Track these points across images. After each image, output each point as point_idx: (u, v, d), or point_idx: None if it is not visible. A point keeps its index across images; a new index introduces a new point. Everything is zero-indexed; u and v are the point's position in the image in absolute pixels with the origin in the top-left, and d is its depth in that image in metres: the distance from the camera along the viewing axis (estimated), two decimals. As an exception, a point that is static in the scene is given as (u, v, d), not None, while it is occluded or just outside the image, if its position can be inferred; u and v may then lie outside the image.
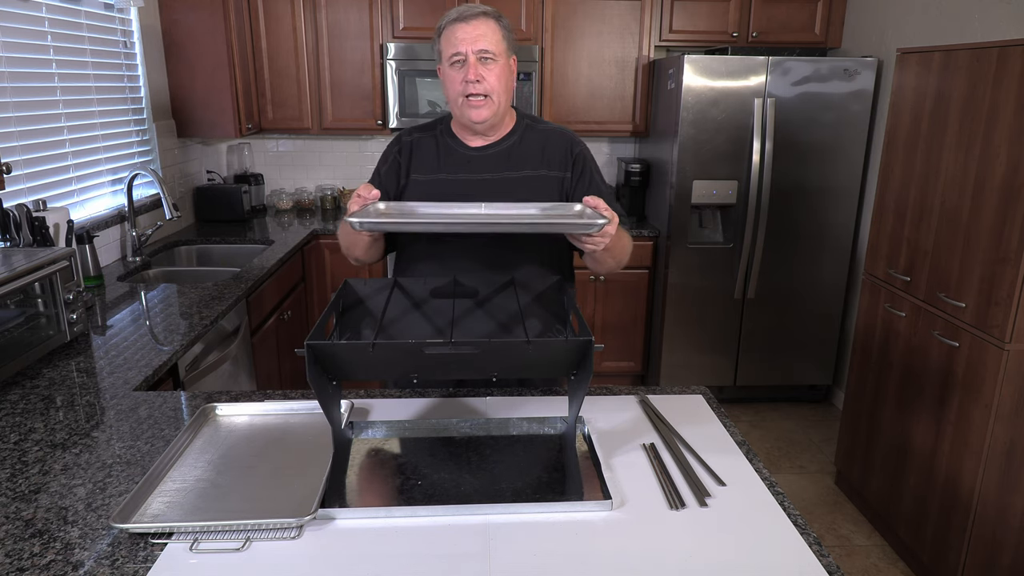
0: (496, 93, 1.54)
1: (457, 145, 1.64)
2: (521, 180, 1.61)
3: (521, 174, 1.61)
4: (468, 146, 1.64)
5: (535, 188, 1.61)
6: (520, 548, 1.07)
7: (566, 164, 1.64)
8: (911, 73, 2.47)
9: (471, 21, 1.51)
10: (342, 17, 3.58)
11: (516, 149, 1.63)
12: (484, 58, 1.51)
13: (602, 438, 1.38)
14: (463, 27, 1.50)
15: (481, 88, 1.51)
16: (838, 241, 3.50)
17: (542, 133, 1.66)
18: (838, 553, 2.60)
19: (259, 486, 1.20)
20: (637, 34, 3.66)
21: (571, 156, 1.65)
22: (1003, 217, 2.03)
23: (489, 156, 1.62)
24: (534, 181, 1.62)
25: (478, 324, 1.44)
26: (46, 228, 2.22)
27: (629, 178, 3.80)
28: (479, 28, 1.51)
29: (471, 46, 1.50)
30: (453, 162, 1.63)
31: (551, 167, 1.63)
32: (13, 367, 1.65)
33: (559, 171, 1.63)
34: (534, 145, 1.64)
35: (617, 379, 3.89)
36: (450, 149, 1.64)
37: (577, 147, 1.67)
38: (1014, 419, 2.08)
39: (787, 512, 1.17)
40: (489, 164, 1.62)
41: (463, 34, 1.50)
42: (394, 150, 1.68)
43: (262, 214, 3.92)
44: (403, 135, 1.70)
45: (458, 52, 1.51)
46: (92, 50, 2.76)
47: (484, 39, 1.51)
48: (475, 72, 1.50)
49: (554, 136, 1.66)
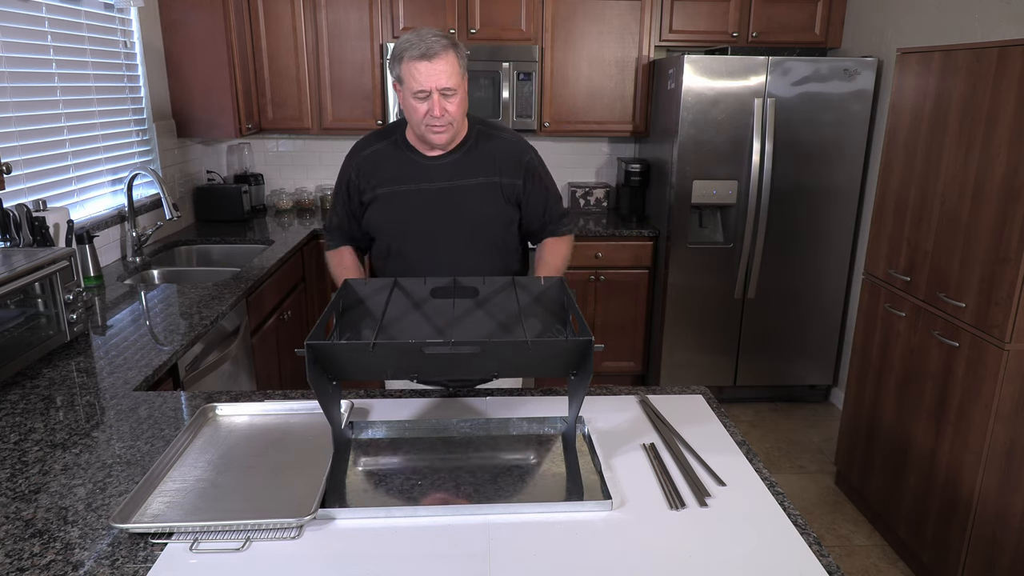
0: (456, 120, 1.66)
1: (415, 155, 1.74)
2: (474, 187, 1.73)
3: (475, 181, 1.73)
4: (425, 155, 1.74)
5: (487, 195, 1.74)
6: (520, 548, 1.07)
7: (517, 172, 1.76)
8: (911, 73, 2.47)
9: (434, 59, 1.57)
10: (342, 17, 3.58)
11: (469, 157, 1.74)
12: (446, 94, 1.61)
13: (602, 438, 1.38)
14: (427, 65, 1.57)
15: (445, 120, 1.63)
16: (838, 241, 3.50)
17: (495, 141, 1.77)
18: (838, 553, 2.60)
19: (259, 486, 1.20)
20: (637, 34, 3.66)
21: (522, 164, 1.77)
22: (1003, 217, 2.03)
23: (444, 165, 1.73)
24: (486, 188, 1.74)
25: (478, 324, 1.44)
26: (46, 228, 2.22)
27: (629, 178, 3.80)
28: (440, 65, 1.58)
29: (435, 83, 1.59)
30: (412, 173, 1.74)
31: (503, 174, 1.75)
32: (13, 367, 1.65)
33: (510, 178, 1.76)
34: (486, 153, 1.75)
35: (617, 379, 3.89)
36: (408, 160, 1.74)
37: (527, 155, 1.78)
38: (1014, 419, 2.08)
39: (787, 512, 1.17)
40: (444, 172, 1.73)
41: (428, 71, 1.58)
42: (350, 172, 1.79)
43: (262, 214, 3.92)
44: (359, 149, 1.80)
45: (423, 90, 1.59)
46: (92, 50, 2.76)
47: (445, 75, 1.59)
48: (439, 108, 1.60)
49: (506, 145, 1.77)
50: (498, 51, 3.58)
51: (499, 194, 1.75)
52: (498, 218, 1.77)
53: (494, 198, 1.75)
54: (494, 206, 1.75)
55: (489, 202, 1.75)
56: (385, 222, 1.77)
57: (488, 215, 1.75)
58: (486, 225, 1.76)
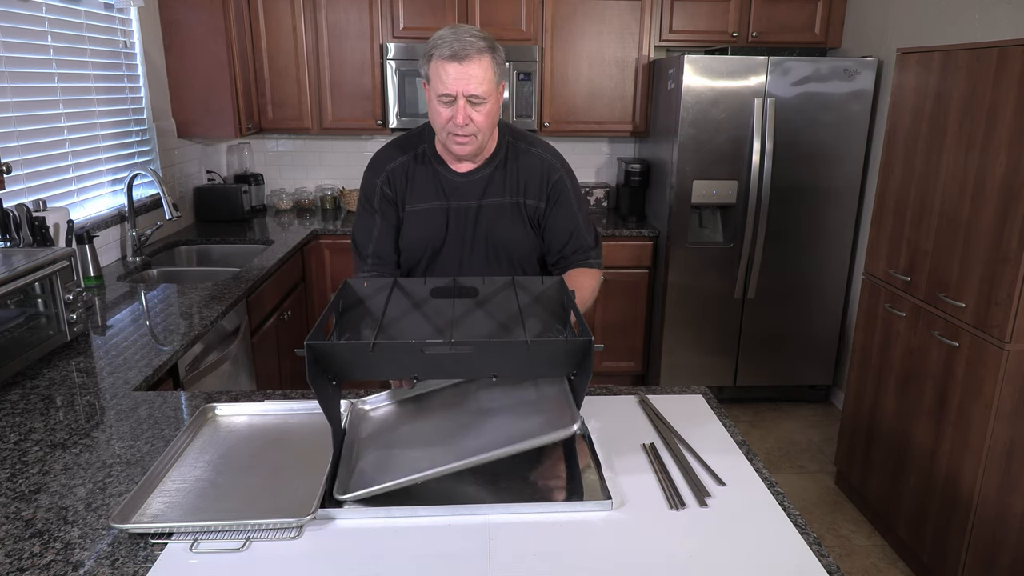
0: (482, 131, 1.52)
1: (445, 171, 1.63)
2: (500, 208, 1.64)
3: (500, 201, 1.64)
4: (455, 172, 1.63)
5: (513, 216, 1.64)
6: (520, 548, 1.07)
7: (541, 194, 1.65)
8: (911, 73, 2.47)
9: (465, 62, 1.44)
10: (342, 17, 3.58)
11: (497, 175, 1.63)
12: (474, 102, 1.48)
13: (602, 438, 1.38)
14: (456, 68, 1.44)
15: (468, 130, 1.50)
16: (838, 241, 3.50)
17: (525, 157, 1.65)
18: (838, 553, 2.60)
19: (259, 486, 1.20)
20: (637, 34, 3.66)
21: (548, 185, 1.65)
22: (1003, 217, 2.03)
23: (473, 182, 1.63)
24: (511, 209, 1.64)
25: (478, 324, 1.44)
26: (46, 228, 2.22)
27: (629, 178, 3.80)
28: (472, 69, 1.44)
29: (462, 88, 1.45)
30: (443, 189, 1.63)
31: (527, 195, 1.64)
32: (13, 367, 1.65)
33: (534, 200, 1.65)
34: (514, 172, 1.64)
35: (617, 379, 3.89)
36: (438, 175, 1.63)
37: (556, 174, 1.65)
38: (1014, 419, 2.08)
39: (787, 512, 1.17)
40: (473, 191, 1.63)
41: (456, 74, 1.44)
42: (378, 182, 1.65)
43: (262, 214, 3.92)
44: (385, 160, 1.66)
45: (448, 93, 1.46)
46: (92, 50, 2.76)
47: (476, 81, 1.45)
48: (464, 116, 1.47)
49: (535, 162, 1.65)
50: (498, 51, 3.57)
51: (523, 216, 1.64)
52: (524, 242, 1.66)
53: (520, 220, 1.64)
54: (520, 229, 1.64)
55: (514, 224, 1.64)
56: (414, 242, 1.65)
57: (514, 238, 1.65)
58: (512, 249, 1.66)
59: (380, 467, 1.23)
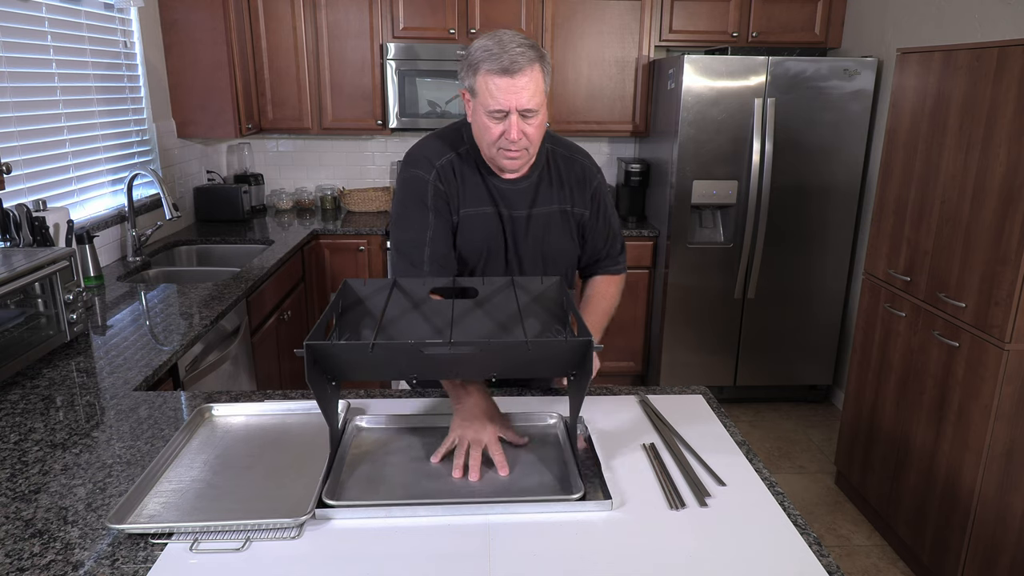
0: (533, 145, 1.45)
1: (493, 177, 1.54)
2: (549, 216, 1.58)
3: (549, 209, 1.58)
4: (502, 179, 1.54)
5: (562, 224, 1.59)
6: (520, 548, 1.07)
7: (584, 199, 1.61)
8: (911, 73, 2.47)
9: (517, 76, 1.34)
10: (342, 17, 3.58)
11: (544, 183, 1.57)
12: (526, 115, 1.39)
13: (602, 438, 1.38)
14: (508, 82, 1.35)
15: (521, 144, 1.42)
16: (838, 241, 3.50)
17: (565, 163, 1.60)
18: (838, 553, 2.60)
19: (256, 486, 1.20)
20: (637, 34, 3.66)
21: (591, 190, 1.61)
22: (1003, 217, 2.03)
23: (521, 191, 1.55)
24: (560, 217, 1.59)
25: (477, 324, 1.43)
26: (46, 228, 2.22)
27: (629, 178, 3.80)
28: (523, 82, 1.35)
29: (516, 103, 1.36)
30: (493, 195, 1.55)
31: (574, 203, 1.60)
32: (13, 367, 1.65)
33: (580, 207, 1.60)
34: (558, 177, 1.59)
35: (617, 379, 3.89)
36: (488, 181, 1.54)
37: (596, 180, 1.63)
38: (1014, 419, 2.08)
39: (787, 512, 1.17)
40: (524, 199, 1.56)
41: (508, 88, 1.35)
42: (430, 178, 1.51)
43: (262, 214, 3.92)
44: (429, 157, 1.53)
45: (500, 109, 1.37)
46: (92, 50, 2.76)
47: (528, 94, 1.36)
48: (517, 131, 1.38)
49: (575, 168, 1.60)
50: (498, 51, 3.57)
51: (571, 223, 1.60)
52: (570, 249, 1.62)
53: (567, 227, 1.60)
54: (568, 236, 1.60)
55: (564, 232, 1.59)
56: (470, 250, 1.55)
57: (562, 247, 1.60)
58: (559, 258, 1.61)
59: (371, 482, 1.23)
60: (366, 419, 1.42)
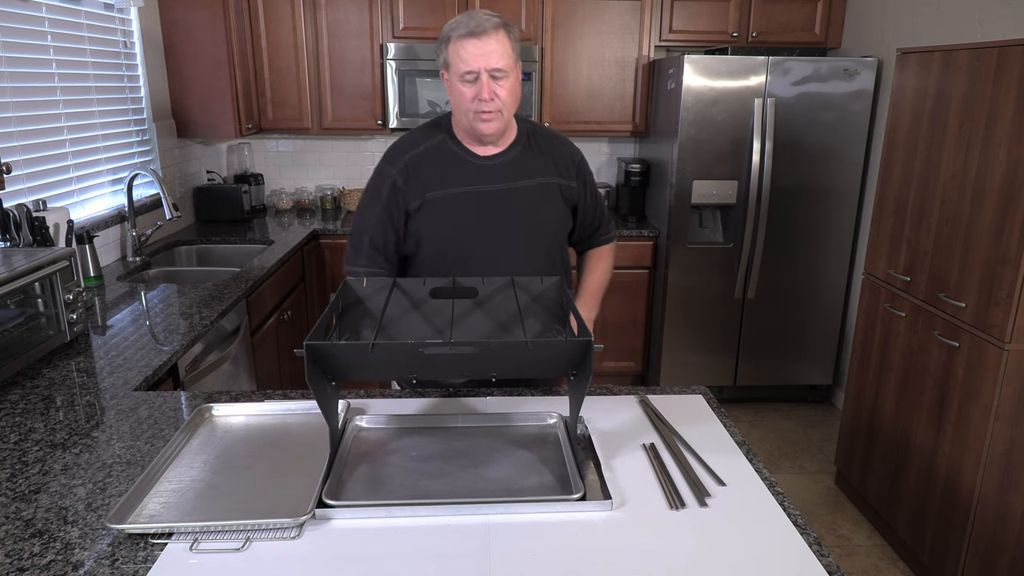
0: (507, 107, 1.53)
1: (466, 155, 1.60)
2: (534, 189, 1.62)
3: (534, 182, 1.62)
4: (477, 155, 1.60)
5: (547, 197, 1.63)
6: (520, 548, 1.07)
7: (571, 173, 1.67)
8: (911, 73, 2.47)
9: (483, 37, 1.46)
10: (342, 17, 3.58)
11: (524, 157, 1.63)
12: (496, 76, 1.49)
13: (602, 438, 1.38)
14: (475, 43, 1.46)
15: (494, 105, 1.50)
16: (838, 241, 3.50)
17: (545, 140, 1.67)
18: (838, 553, 2.60)
19: (256, 486, 1.20)
20: (637, 34, 3.66)
21: (575, 165, 1.68)
22: (1003, 217, 2.03)
23: (499, 165, 1.60)
24: (545, 189, 1.63)
25: (477, 324, 1.44)
26: (46, 228, 2.22)
27: (629, 178, 3.80)
28: (491, 44, 1.47)
29: (484, 63, 1.47)
30: (466, 174, 1.59)
31: (561, 175, 1.65)
32: (13, 367, 1.65)
33: (566, 180, 1.66)
34: (540, 153, 1.65)
35: (617, 379, 3.89)
36: (459, 159, 1.60)
37: (578, 155, 1.71)
38: (1014, 419, 2.08)
39: (787, 512, 1.17)
40: (500, 174, 1.60)
41: (475, 50, 1.47)
42: (393, 173, 1.60)
43: (262, 214, 3.92)
44: (403, 151, 1.62)
45: (471, 71, 1.48)
46: (92, 50, 2.76)
47: (496, 55, 1.48)
48: (489, 91, 1.48)
49: (557, 143, 1.68)
50: (498, 51, 3.57)
51: (559, 196, 1.64)
52: (557, 222, 1.66)
53: (554, 200, 1.64)
54: (554, 209, 1.64)
55: (549, 205, 1.63)
56: (437, 230, 1.60)
57: (548, 219, 1.64)
58: (545, 230, 1.65)
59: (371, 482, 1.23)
60: (366, 419, 1.42)
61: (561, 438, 1.37)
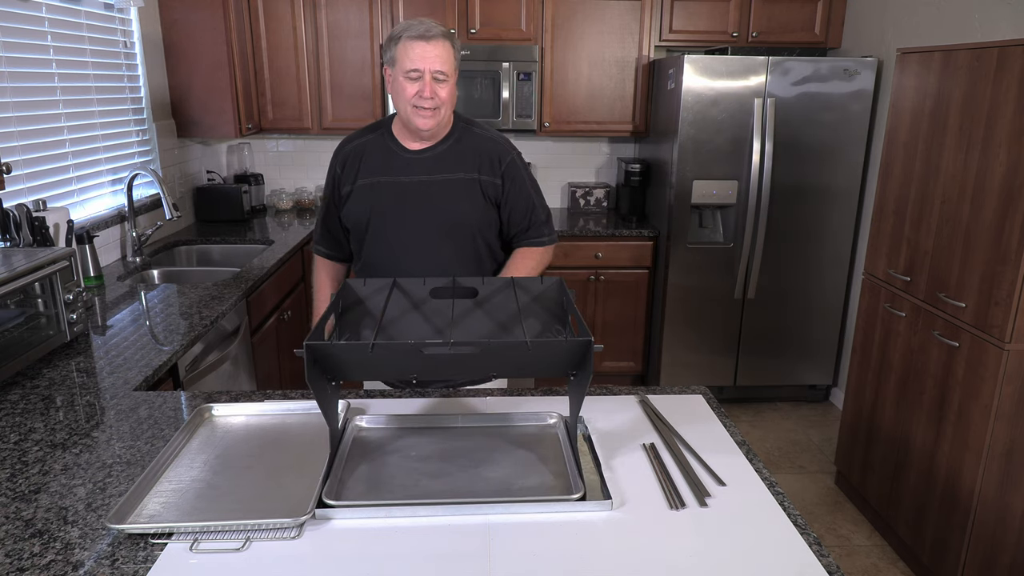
0: (445, 106, 1.65)
1: (398, 148, 1.74)
2: (453, 183, 1.71)
3: (454, 177, 1.71)
4: (407, 149, 1.73)
5: (465, 191, 1.72)
6: (520, 548, 1.07)
7: (495, 171, 1.74)
8: (911, 73, 2.47)
9: (432, 42, 1.60)
10: (342, 17, 3.58)
11: (450, 153, 1.73)
12: (438, 78, 1.62)
13: (602, 438, 1.38)
14: (424, 46, 1.59)
15: (433, 103, 1.62)
16: (838, 240, 3.50)
17: (477, 138, 1.76)
18: (838, 553, 2.60)
19: (256, 486, 1.20)
20: (637, 34, 3.66)
21: (501, 165, 1.74)
22: (1003, 217, 2.03)
23: (426, 159, 1.72)
24: (465, 184, 1.72)
25: (477, 324, 1.44)
26: (46, 228, 2.22)
27: (629, 178, 3.80)
28: (438, 49, 1.60)
29: (429, 65, 1.60)
30: (394, 165, 1.73)
31: (482, 172, 1.73)
32: (13, 367, 1.65)
33: (488, 176, 1.73)
34: (468, 150, 1.73)
35: (617, 379, 3.89)
36: (391, 152, 1.74)
37: (509, 155, 1.76)
38: (1014, 419, 2.08)
39: (787, 512, 1.17)
40: (425, 166, 1.72)
41: (423, 52, 1.59)
42: (335, 166, 1.79)
43: (262, 214, 3.92)
44: (346, 143, 1.80)
45: (416, 69, 1.60)
46: (92, 50, 2.76)
47: (440, 60, 1.61)
48: (430, 90, 1.61)
49: (487, 143, 1.75)
50: (498, 51, 3.58)
51: (478, 191, 1.71)
52: (475, 217, 1.72)
53: (472, 195, 1.71)
54: (471, 203, 1.71)
55: (466, 199, 1.71)
56: (359, 214, 1.74)
57: (464, 212, 1.71)
58: (462, 223, 1.71)
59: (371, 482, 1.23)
60: (366, 419, 1.42)
61: (561, 438, 1.37)
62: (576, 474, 1.22)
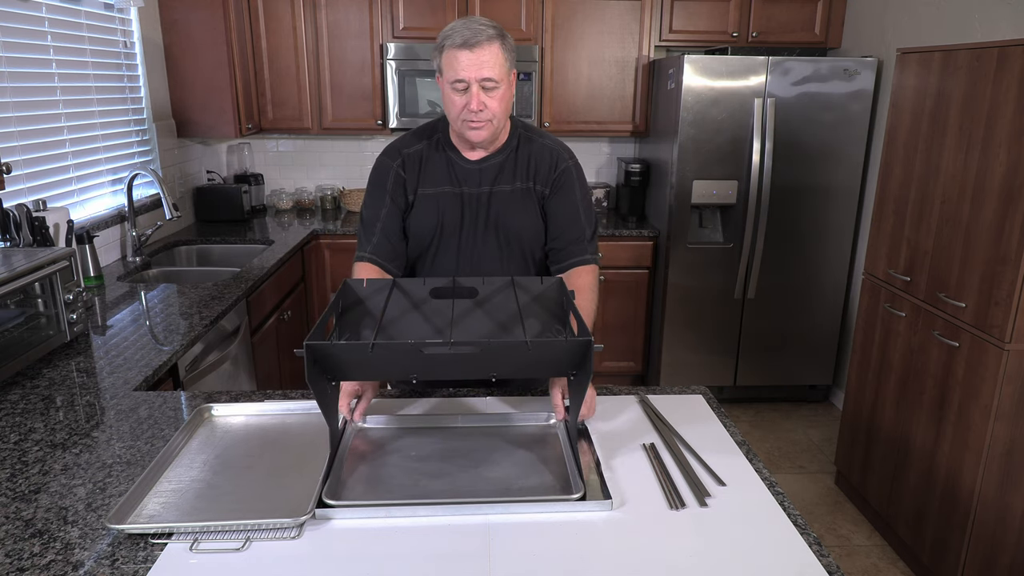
0: (497, 117, 1.55)
1: (458, 158, 1.66)
2: (510, 194, 1.65)
3: (511, 187, 1.65)
4: (467, 159, 1.65)
5: (523, 202, 1.66)
6: (520, 548, 1.07)
7: (548, 181, 1.66)
8: (911, 73, 2.47)
9: (475, 49, 1.47)
10: (342, 17, 3.58)
11: (508, 163, 1.66)
12: (487, 86, 1.50)
13: (602, 438, 1.38)
14: (468, 55, 1.47)
15: (483, 116, 1.52)
16: (838, 241, 3.50)
17: (534, 145, 1.68)
18: (838, 553, 2.60)
19: (256, 486, 1.20)
20: (637, 34, 3.66)
21: (555, 172, 1.66)
22: (1003, 217, 2.03)
23: (484, 169, 1.65)
24: (522, 194, 1.66)
25: (477, 324, 1.44)
26: (46, 228, 2.22)
27: (629, 178, 3.80)
28: (483, 55, 1.47)
29: (475, 74, 1.48)
30: (453, 175, 1.65)
31: (537, 182, 1.66)
32: (13, 367, 1.65)
33: (542, 186, 1.67)
34: (525, 158, 1.66)
35: (617, 379, 3.89)
36: (448, 161, 1.66)
37: (564, 163, 1.67)
38: (1014, 419, 2.08)
39: (787, 512, 1.17)
40: (484, 177, 1.65)
41: (467, 61, 1.47)
42: (394, 165, 1.66)
43: (262, 214, 3.92)
44: (400, 147, 1.68)
45: (461, 80, 1.49)
46: (92, 50, 2.76)
47: (488, 67, 1.48)
48: (478, 101, 1.50)
49: (544, 151, 1.68)
50: (498, 51, 3.57)
51: (533, 202, 1.65)
52: (531, 228, 1.66)
53: (528, 206, 1.65)
54: (529, 216, 1.65)
55: (523, 211, 1.65)
56: (423, 227, 1.65)
57: (523, 224, 1.65)
58: (521, 234, 1.66)
59: (371, 482, 1.23)
60: (366, 419, 1.42)
61: (561, 438, 1.37)
62: (576, 474, 1.22)
